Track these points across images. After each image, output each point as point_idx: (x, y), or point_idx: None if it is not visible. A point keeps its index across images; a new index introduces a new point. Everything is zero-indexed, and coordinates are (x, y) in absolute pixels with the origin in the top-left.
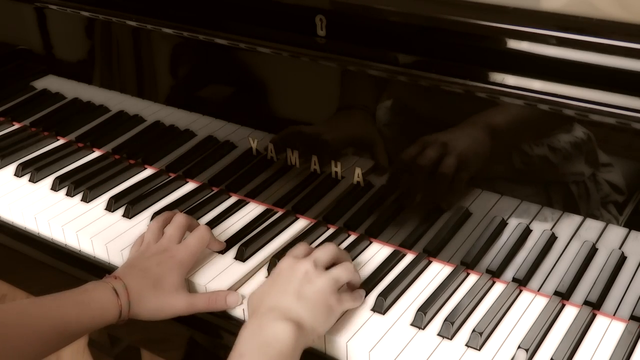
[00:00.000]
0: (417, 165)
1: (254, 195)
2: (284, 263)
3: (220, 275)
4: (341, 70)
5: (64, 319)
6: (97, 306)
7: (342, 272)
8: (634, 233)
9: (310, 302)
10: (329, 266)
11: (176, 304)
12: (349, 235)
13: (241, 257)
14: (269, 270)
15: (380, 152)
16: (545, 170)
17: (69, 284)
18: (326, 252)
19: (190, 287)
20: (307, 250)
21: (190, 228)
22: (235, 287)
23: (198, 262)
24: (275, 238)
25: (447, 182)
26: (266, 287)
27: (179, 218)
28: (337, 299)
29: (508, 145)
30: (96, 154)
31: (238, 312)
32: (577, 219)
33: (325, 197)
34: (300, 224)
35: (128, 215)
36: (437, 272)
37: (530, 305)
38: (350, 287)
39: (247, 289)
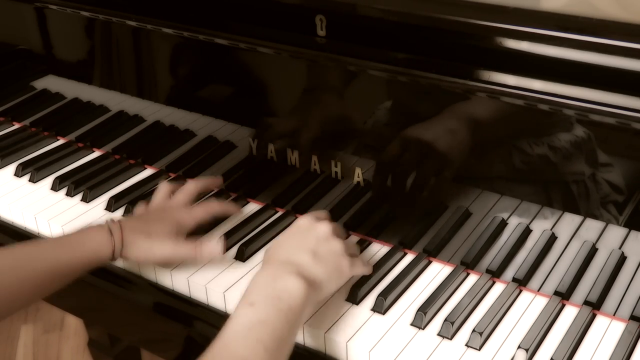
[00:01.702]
0: (416, 165)
1: (254, 195)
2: (304, 220)
3: (220, 275)
4: (342, 70)
5: (58, 260)
6: (91, 246)
7: (353, 248)
8: (634, 233)
9: (324, 261)
10: None
11: (163, 247)
12: (349, 236)
13: (241, 257)
14: None
15: (380, 151)
16: (545, 169)
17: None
18: (341, 229)
19: (190, 286)
20: (327, 216)
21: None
22: (235, 287)
23: (198, 262)
24: (275, 238)
25: (446, 181)
26: (283, 240)
27: (190, 185)
28: (350, 262)
29: (508, 144)
30: (96, 154)
31: None
32: (577, 219)
33: (325, 197)
34: None
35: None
36: (437, 272)
37: (530, 305)
38: None
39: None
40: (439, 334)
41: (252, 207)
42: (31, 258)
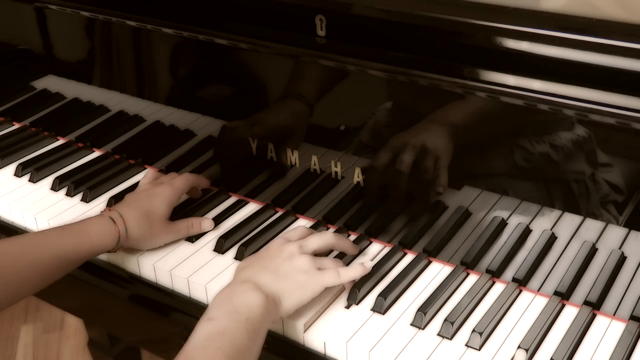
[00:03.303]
0: (417, 165)
1: (254, 195)
2: (275, 242)
3: (220, 275)
4: (341, 70)
5: (64, 248)
6: (95, 234)
7: (328, 262)
8: (634, 233)
9: (286, 278)
10: (324, 254)
11: (164, 233)
12: (349, 236)
13: (241, 257)
14: None
15: (380, 151)
16: (546, 168)
17: (69, 283)
18: (319, 241)
19: (190, 286)
20: (302, 235)
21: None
22: None
23: (198, 262)
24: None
25: (445, 180)
26: (250, 261)
27: (173, 173)
28: (317, 277)
29: (510, 142)
30: (96, 154)
31: None
32: (577, 218)
33: (325, 197)
34: (300, 224)
35: None
36: (437, 272)
37: (530, 305)
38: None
39: None
40: (439, 334)
41: (252, 207)
42: (39, 246)
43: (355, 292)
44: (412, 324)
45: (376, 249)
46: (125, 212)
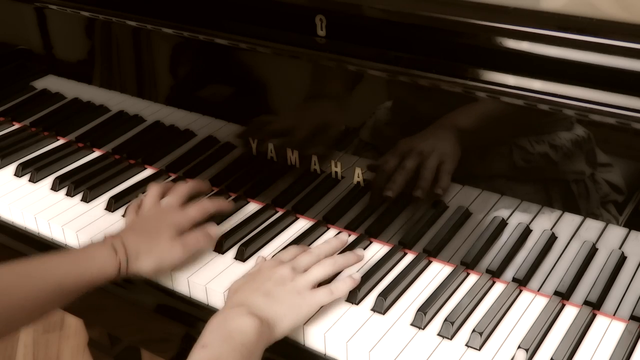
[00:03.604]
0: (417, 165)
1: (254, 195)
2: (267, 264)
3: (220, 275)
4: (341, 70)
5: (64, 278)
6: (96, 263)
7: (319, 272)
8: (634, 233)
9: (279, 301)
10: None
11: (173, 252)
12: (349, 236)
13: (241, 257)
14: None
15: (380, 151)
16: (546, 168)
17: None
18: (310, 256)
19: (190, 286)
20: (294, 254)
21: (195, 192)
22: None
23: (198, 262)
24: (275, 238)
25: (446, 180)
26: (242, 282)
27: (180, 186)
28: (311, 298)
29: (509, 142)
30: (96, 154)
31: None
32: (577, 219)
33: (325, 197)
34: (300, 224)
35: None
36: (437, 272)
37: (530, 305)
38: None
39: None
40: (439, 334)
41: (252, 207)
42: (37, 275)
43: (355, 292)
44: (412, 324)
45: (376, 249)
46: (129, 239)
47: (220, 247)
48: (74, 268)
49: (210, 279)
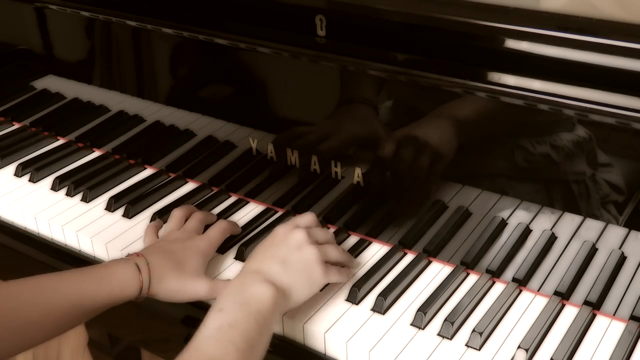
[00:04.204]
0: (417, 165)
1: (254, 195)
2: (281, 229)
3: (220, 275)
4: (341, 70)
5: (82, 295)
6: (117, 281)
7: (332, 250)
8: (634, 233)
9: (295, 270)
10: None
11: (198, 287)
12: (349, 235)
13: (241, 257)
14: None
15: (380, 151)
16: (546, 168)
17: None
18: (325, 233)
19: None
20: (309, 222)
21: (208, 223)
22: None
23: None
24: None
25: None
26: (259, 249)
27: (199, 214)
28: (323, 270)
29: (511, 142)
30: (96, 154)
31: None
32: (577, 219)
33: (325, 197)
34: None
35: (128, 215)
36: (437, 272)
37: (530, 305)
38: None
39: None
40: (439, 334)
41: (252, 207)
42: (54, 292)
43: (355, 292)
44: (412, 324)
45: (376, 249)
46: (154, 260)
47: (221, 247)
48: (94, 286)
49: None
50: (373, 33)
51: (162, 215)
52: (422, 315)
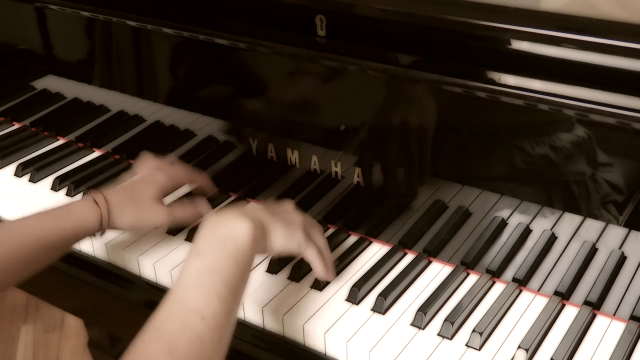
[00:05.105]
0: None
1: (254, 195)
2: (288, 204)
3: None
4: (341, 70)
5: (45, 232)
6: (77, 216)
7: (320, 240)
8: (634, 233)
9: (276, 215)
10: None
11: (156, 213)
12: (349, 235)
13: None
14: (270, 267)
15: (380, 151)
16: (546, 169)
17: (69, 284)
18: (316, 226)
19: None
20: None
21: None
22: None
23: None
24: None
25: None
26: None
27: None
28: (304, 236)
29: (509, 144)
30: (96, 154)
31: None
32: (577, 219)
33: (325, 197)
34: None
35: None
36: (437, 272)
37: (530, 305)
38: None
39: (249, 288)
40: (439, 334)
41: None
42: (20, 232)
43: (355, 292)
44: (412, 324)
45: (376, 249)
46: (111, 194)
47: None
48: (56, 223)
49: None
50: (373, 33)
51: None
52: (422, 315)
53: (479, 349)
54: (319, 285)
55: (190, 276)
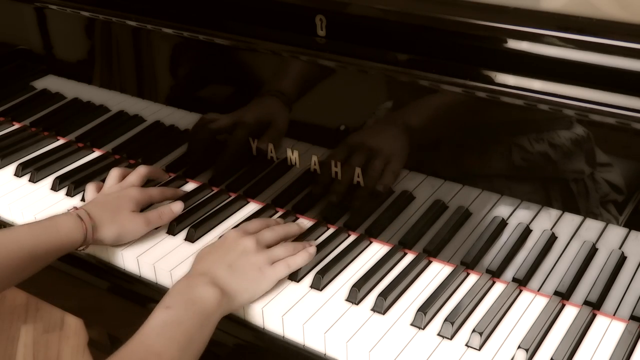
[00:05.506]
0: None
1: (254, 195)
2: (232, 234)
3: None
4: (340, 70)
5: (35, 244)
6: (64, 231)
7: (281, 252)
8: (634, 233)
9: (241, 274)
10: (276, 243)
11: (135, 226)
12: (349, 235)
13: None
14: None
15: (380, 150)
16: (545, 167)
17: (69, 284)
18: (273, 233)
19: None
20: (259, 227)
21: (154, 177)
22: None
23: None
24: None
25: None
26: (207, 251)
27: (140, 168)
28: (271, 272)
29: (508, 141)
30: (96, 154)
31: (239, 313)
32: (577, 218)
33: (325, 197)
34: (300, 223)
35: None
36: (437, 272)
37: (530, 305)
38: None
39: None
40: (439, 334)
41: (252, 207)
42: (10, 243)
43: (355, 292)
44: (412, 324)
45: (376, 249)
46: (93, 210)
47: None
48: (46, 237)
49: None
50: (373, 33)
51: None
52: (422, 315)
53: (479, 349)
54: (319, 284)
55: (155, 325)
